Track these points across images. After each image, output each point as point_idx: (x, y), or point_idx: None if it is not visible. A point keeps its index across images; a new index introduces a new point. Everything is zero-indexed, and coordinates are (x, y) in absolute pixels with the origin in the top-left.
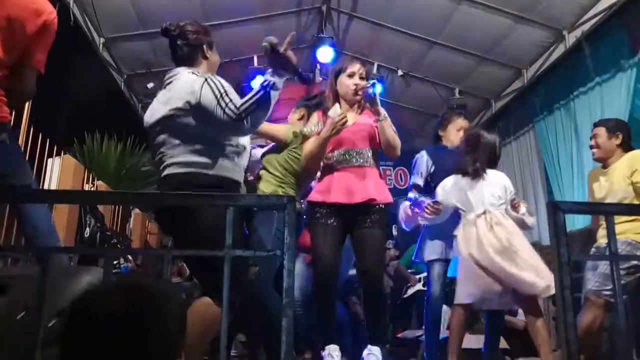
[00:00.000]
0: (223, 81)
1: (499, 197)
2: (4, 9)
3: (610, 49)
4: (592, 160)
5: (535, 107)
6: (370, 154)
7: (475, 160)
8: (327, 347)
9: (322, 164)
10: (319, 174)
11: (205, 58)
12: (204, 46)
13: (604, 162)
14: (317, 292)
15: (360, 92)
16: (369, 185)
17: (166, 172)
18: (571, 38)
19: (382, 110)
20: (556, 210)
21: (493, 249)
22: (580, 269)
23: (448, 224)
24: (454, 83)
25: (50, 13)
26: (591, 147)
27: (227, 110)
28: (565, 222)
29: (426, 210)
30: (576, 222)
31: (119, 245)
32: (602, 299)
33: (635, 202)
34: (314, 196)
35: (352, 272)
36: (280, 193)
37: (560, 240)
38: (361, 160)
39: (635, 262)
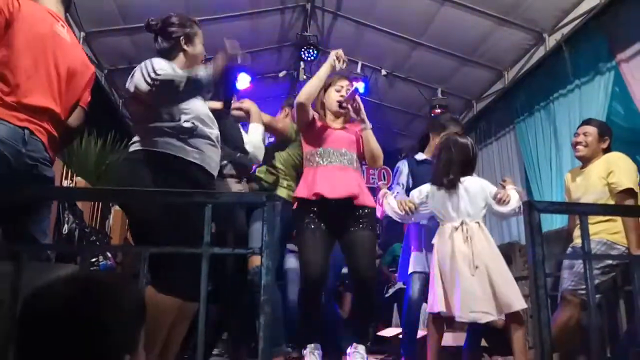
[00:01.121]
0: (158, 61)
1: (477, 206)
2: (69, 62)
3: (589, 52)
4: (570, 160)
5: (516, 109)
6: (354, 157)
7: (448, 171)
8: (308, 346)
9: (305, 162)
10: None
11: (183, 51)
12: (181, 38)
13: (584, 162)
14: (303, 296)
15: (344, 105)
16: (352, 183)
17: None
18: (551, 41)
19: (367, 120)
20: (532, 209)
21: (467, 262)
22: (557, 269)
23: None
24: (436, 83)
25: (91, 66)
26: (577, 143)
27: (146, 75)
28: (541, 221)
29: (399, 204)
30: (554, 223)
31: (97, 243)
32: (578, 298)
33: (610, 202)
34: (300, 192)
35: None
36: (285, 185)
37: (535, 239)
38: (345, 161)
39: (609, 262)
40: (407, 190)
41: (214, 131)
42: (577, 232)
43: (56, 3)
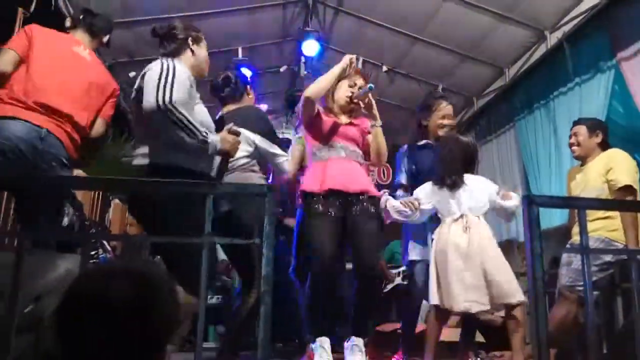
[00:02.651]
0: (182, 73)
1: (479, 202)
2: (88, 76)
3: (590, 51)
4: (570, 159)
5: (516, 106)
6: (359, 152)
7: (450, 171)
8: (318, 339)
9: (312, 156)
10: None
11: (192, 52)
12: (189, 39)
13: (583, 160)
14: (315, 283)
15: (355, 100)
16: (362, 179)
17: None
18: (553, 39)
19: (378, 117)
20: (531, 203)
21: (459, 252)
22: (555, 265)
23: (428, 229)
24: (437, 80)
25: (114, 82)
26: (571, 144)
27: (161, 93)
28: (539, 216)
29: (402, 204)
30: (553, 220)
31: None
32: (575, 294)
33: None
34: (309, 186)
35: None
36: None
37: (534, 233)
38: (354, 156)
39: (607, 259)
40: (412, 176)
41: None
42: (575, 229)
43: (82, 33)
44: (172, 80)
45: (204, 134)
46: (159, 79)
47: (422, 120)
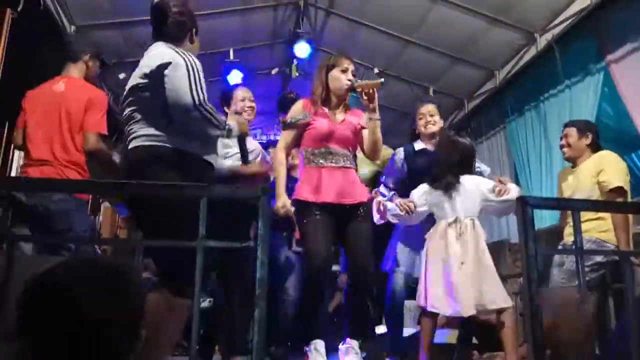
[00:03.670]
0: (201, 68)
1: (473, 203)
2: (60, 106)
3: (579, 53)
4: (560, 160)
5: (507, 108)
6: (352, 156)
7: (446, 173)
8: (312, 342)
9: (305, 160)
10: (298, 170)
11: (192, 42)
12: (193, 30)
13: (573, 162)
14: (308, 286)
15: (358, 89)
16: (357, 189)
17: (129, 147)
18: (542, 41)
19: (377, 110)
20: (525, 205)
21: (456, 259)
22: (548, 266)
23: (420, 234)
24: (428, 82)
25: (93, 91)
26: (562, 146)
27: (195, 94)
28: (534, 217)
29: (399, 207)
30: (544, 221)
31: None
32: None
33: None
34: (304, 195)
35: (335, 267)
36: None
37: (529, 235)
38: (348, 163)
39: (598, 260)
40: (402, 181)
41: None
42: (567, 230)
43: (67, 65)
44: (200, 77)
45: (225, 123)
46: (190, 78)
47: (415, 129)
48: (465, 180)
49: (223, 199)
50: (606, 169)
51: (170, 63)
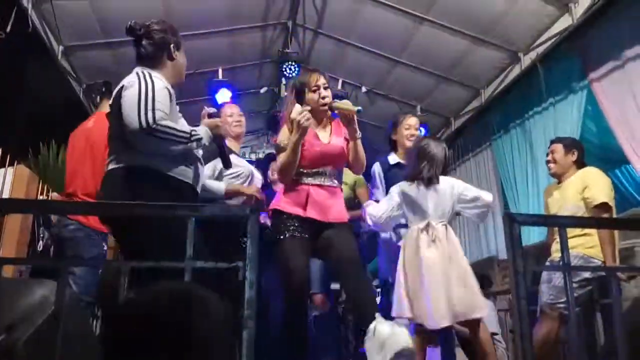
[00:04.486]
0: (161, 90)
1: (445, 206)
2: (87, 141)
3: (563, 72)
4: (546, 177)
5: (493, 126)
6: (339, 175)
7: (429, 167)
8: None
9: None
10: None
11: (172, 59)
12: (171, 46)
13: (559, 178)
14: (288, 306)
15: (333, 108)
16: (340, 207)
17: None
18: (526, 60)
19: (357, 129)
20: (512, 221)
21: (430, 266)
22: (536, 283)
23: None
24: (415, 101)
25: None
26: (548, 162)
27: (143, 116)
28: (521, 234)
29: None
30: (531, 237)
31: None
32: (557, 311)
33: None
34: (287, 207)
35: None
36: None
37: (516, 251)
38: (335, 182)
39: (585, 276)
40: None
41: (199, 151)
42: (554, 247)
43: (102, 102)
44: (152, 98)
45: (192, 132)
46: (139, 99)
47: (391, 136)
48: (443, 182)
49: (212, 218)
50: (591, 185)
51: (123, 87)
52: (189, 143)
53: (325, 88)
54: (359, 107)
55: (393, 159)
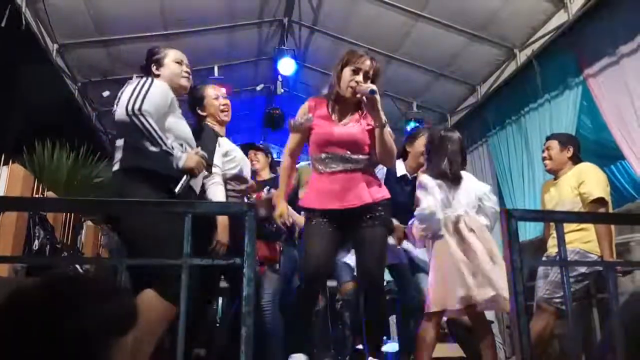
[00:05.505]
0: (158, 86)
1: (472, 200)
2: None
3: (558, 68)
4: (541, 172)
5: (488, 122)
6: (363, 158)
7: (451, 163)
8: (294, 355)
9: (312, 167)
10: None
11: (157, 76)
12: (152, 66)
13: (555, 174)
14: (300, 294)
15: (357, 95)
16: (362, 190)
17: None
18: (522, 56)
19: (383, 117)
20: (509, 217)
21: (478, 253)
22: (532, 278)
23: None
24: (412, 97)
25: None
26: (544, 158)
27: (132, 101)
28: (518, 229)
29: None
30: (527, 233)
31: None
32: (553, 306)
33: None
34: (308, 201)
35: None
36: None
37: (513, 247)
38: (350, 165)
39: (582, 271)
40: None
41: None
42: (551, 242)
43: None
44: (145, 91)
45: (169, 146)
46: (133, 91)
47: (406, 146)
48: (465, 177)
49: (210, 214)
50: (586, 180)
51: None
52: (160, 151)
53: (366, 77)
54: (373, 87)
55: (400, 169)
